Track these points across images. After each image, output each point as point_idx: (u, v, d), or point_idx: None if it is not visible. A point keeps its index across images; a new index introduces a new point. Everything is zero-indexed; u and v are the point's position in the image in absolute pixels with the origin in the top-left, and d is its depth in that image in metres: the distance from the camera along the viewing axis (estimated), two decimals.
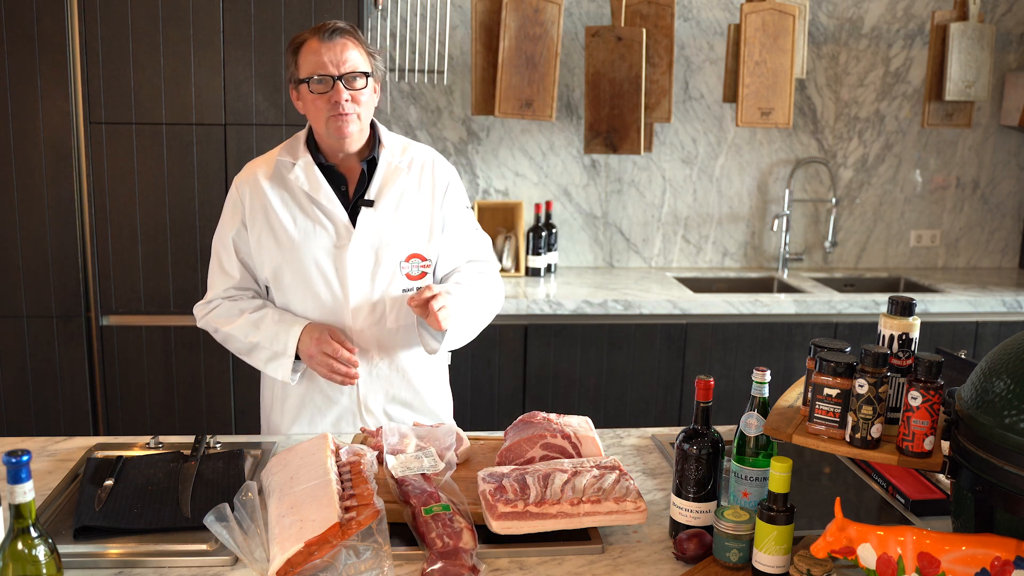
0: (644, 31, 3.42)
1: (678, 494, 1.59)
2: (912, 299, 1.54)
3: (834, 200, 3.95)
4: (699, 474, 1.56)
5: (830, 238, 3.98)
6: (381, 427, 1.86)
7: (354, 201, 2.07)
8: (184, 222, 3.14)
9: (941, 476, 1.78)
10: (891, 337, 1.53)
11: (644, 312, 3.35)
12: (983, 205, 4.11)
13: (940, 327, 3.50)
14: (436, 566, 1.44)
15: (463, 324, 2.07)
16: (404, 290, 2.09)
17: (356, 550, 1.45)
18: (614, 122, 3.47)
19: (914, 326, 1.53)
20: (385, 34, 3.54)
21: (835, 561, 1.45)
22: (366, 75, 1.99)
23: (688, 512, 1.58)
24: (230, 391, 3.25)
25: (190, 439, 1.96)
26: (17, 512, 1.22)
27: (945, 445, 1.47)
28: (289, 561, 1.42)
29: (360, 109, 1.99)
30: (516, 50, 3.38)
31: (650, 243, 3.95)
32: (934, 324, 3.47)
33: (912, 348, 1.53)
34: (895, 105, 3.96)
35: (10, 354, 3.15)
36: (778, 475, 1.43)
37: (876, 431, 1.44)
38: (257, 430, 3.27)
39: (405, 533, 1.58)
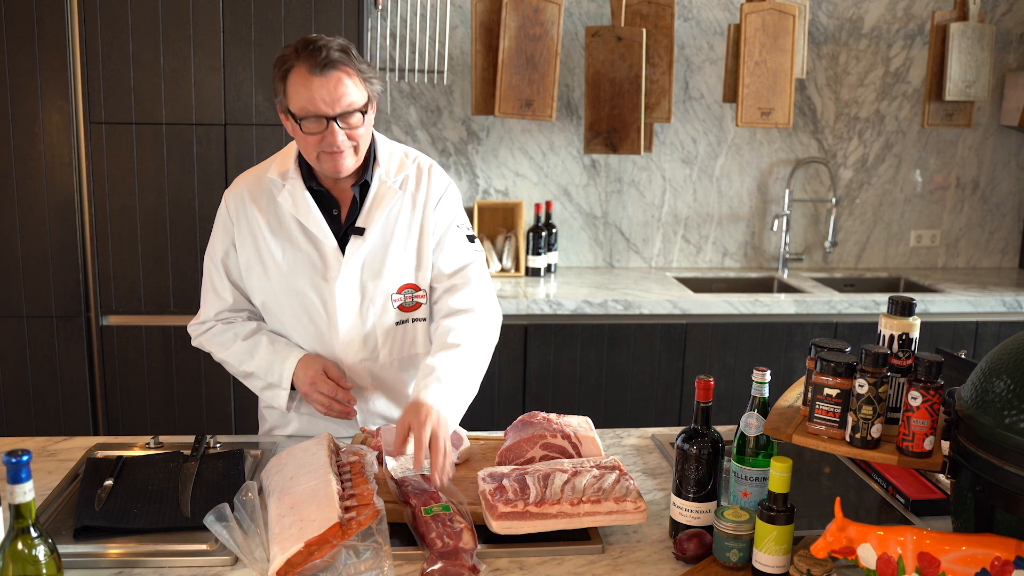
0: (644, 31, 3.42)
1: (678, 494, 1.59)
2: (912, 299, 1.54)
3: (834, 200, 3.95)
4: (699, 474, 1.56)
5: (830, 238, 3.97)
6: (381, 427, 1.86)
7: (345, 227, 1.95)
8: (184, 222, 3.14)
9: (941, 476, 1.78)
10: (891, 337, 1.53)
11: (644, 312, 3.35)
12: (983, 205, 4.11)
13: (940, 327, 3.50)
14: (436, 566, 1.44)
15: (462, 404, 1.86)
16: (397, 323, 1.99)
17: (356, 550, 1.45)
18: (614, 122, 3.47)
19: (914, 326, 1.53)
20: (385, 34, 3.54)
21: (835, 561, 1.45)
22: (363, 110, 1.83)
23: (688, 512, 1.58)
24: (230, 391, 3.25)
25: (190, 439, 1.95)
26: (17, 512, 1.22)
27: (945, 445, 1.47)
28: (289, 561, 1.42)
29: (357, 142, 1.85)
30: (516, 50, 3.38)
31: (650, 243, 3.95)
32: (934, 324, 3.47)
33: (912, 348, 1.53)
34: (895, 105, 3.96)
35: (10, 354, 3.15)
36: (778, 475, 1.43)
37: (876, 431, 1.44)
38: (257, 430, 3.27)
39: (405, 533, 1.58)
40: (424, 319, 2.03)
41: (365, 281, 1.95)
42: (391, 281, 1.97)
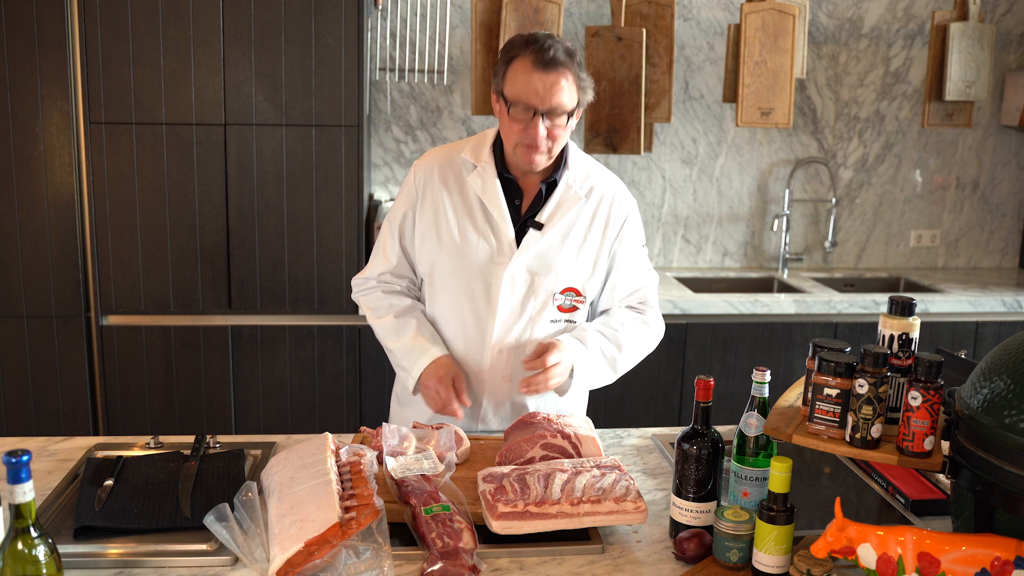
0: (644, 31, 3.42)
1: (678, 494, 1.59)
2: (912, 299, 1.54)
3: (834, 200, 3.95)
4: (699, 474, 1.56)
5: (830, 238, 3.97)
6: (381, 427, 1.86)
7: (524, 218, 2.02)
8: (184, 222, 3.14)
9: (941, 476, 1.78)
10: (891, 337, 1.53)
11: None
12: (983, 205, 4.11)
13: (940, 327, 3.50)
14: (436, 566, 1.44)
15: (591, 375, 2.03)
16: (552, 321, 2.05)
17: (356, 550, 1.45)
18: (614, 122, 3.47)
19: (914, 326, 1.53)
20: (385, 34, 3.54)
21: (835, 561, 1.45)
22: (570, 113, 1.91)
23: (688, 512, 1.58)
24: (230, 391, 3.25)
25: (190, 439, 1.95)
26: (17, 512, 1.22)
27: (945, 445, 1.47)
28: (289, 561, 1.42)
29: (554, 143, 1.93)
30: None
31: (650, 243, 3.95)
32: (934, 324, 3.47)
33: (912, 348, 1.53)
34: (895, 105, 3.96)
35: (10, 354, 3.15)
36: (778, 475, 1.43)
37: (876, 431, 1.44)
38: (257, 430, 3.27)
39: (405, 533, 1.58)
40: (576, 323, 2.08)
41: (533, 274, 2.01)
42: (558, 280, 2.03)
